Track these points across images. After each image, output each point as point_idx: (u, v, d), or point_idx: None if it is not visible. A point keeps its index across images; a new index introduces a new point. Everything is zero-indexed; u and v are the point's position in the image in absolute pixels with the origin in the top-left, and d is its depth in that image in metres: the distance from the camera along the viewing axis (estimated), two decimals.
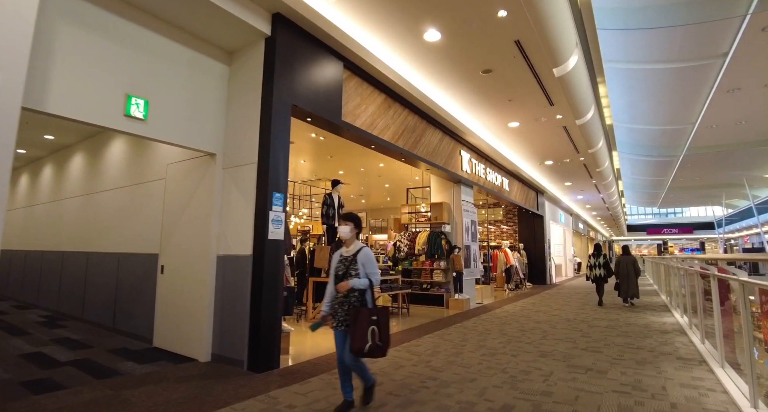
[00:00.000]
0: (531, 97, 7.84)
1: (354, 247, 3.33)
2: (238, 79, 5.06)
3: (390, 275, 7.95)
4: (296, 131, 8.63)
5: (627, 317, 7.87)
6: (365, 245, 3.36)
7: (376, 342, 3.03)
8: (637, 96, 13.22)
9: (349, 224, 3.37)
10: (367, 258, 3.24)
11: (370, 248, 3.29)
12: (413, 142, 7.40)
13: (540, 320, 7.55)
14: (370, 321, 3.05)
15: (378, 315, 3.10)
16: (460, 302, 8.87)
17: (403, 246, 9.81)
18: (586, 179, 16.05)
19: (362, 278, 3.19)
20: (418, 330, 6.43)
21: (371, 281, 3.21)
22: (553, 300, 10.84)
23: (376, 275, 3.25)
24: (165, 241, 5.52)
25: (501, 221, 18.68)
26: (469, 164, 9.78)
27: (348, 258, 3.29)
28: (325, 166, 12.18)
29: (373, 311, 3.10)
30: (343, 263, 3.29)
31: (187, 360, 4.73)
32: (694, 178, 22.05)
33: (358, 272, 3.20)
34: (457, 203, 9.65)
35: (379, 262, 14.18)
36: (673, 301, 9.37)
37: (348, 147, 9.69)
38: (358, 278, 3.18)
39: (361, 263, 3.22)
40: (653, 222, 50.00)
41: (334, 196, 7.64)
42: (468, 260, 9.66)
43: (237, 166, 4.83)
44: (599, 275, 10.12)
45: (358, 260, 3.23)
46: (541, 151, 11.61)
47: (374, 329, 3.04)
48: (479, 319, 7.63)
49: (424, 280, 9.55)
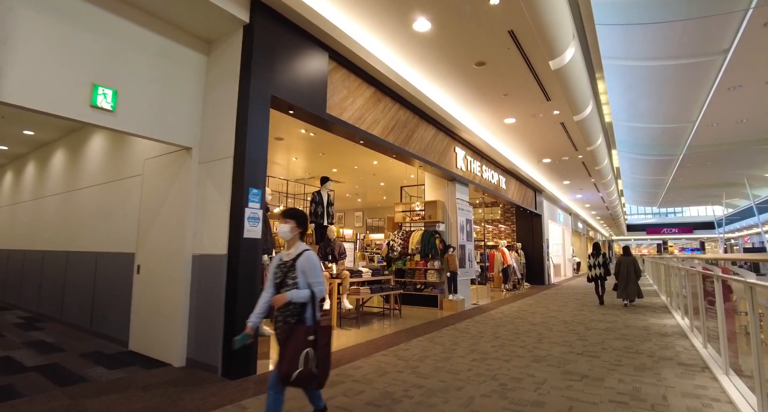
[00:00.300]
0: (527, 92, 7.59)
1: (295, 250, 2.73)
2: (216, 70, 4.81)
3: (381, 276, 7.69)
4: (285, 127, 8.41)
5: (626, 319, 7.62)
6: (309, 249, 2.76)
7: (309, 368, 2.44)
8: (636, 94, 13.06)
9: (288, 222, 2.76)
10: (308, 264, 2.66)
11: (313, 253, 2.74)
12: (405, 138, 7.14)
13: (536, 321, 7.29)
14: (306, 342, 2.47)
15: (317, 335, 2.53)
16: (455, 303, 8.61)
17: (397, 246, 9.55)
18: (585, 178, 15.80)
19: (303, 288, 2.63)
20: (408, 333, 6.18)
21: (313, 293, 2.63)
22: (551, 301, 10.59)
23: (319, 285, 2.66)
24: (141, 240, 5.27)
25: (499, 220, 18.42)
26: (464, 162, 9.52)
27: (287, 264, 2.70)
28: (318, 164, 11.92)
29: (310, 330, 2.53)
30: (281, 270, 2.72)
31: (160, 365, 4.48)
32: (695, 178, 21.90)
33: (297, 281, 2.63)
34: (451, 202, 9.39)
35: (374, 262, 13.95)
36: (673, 302, 9.12)
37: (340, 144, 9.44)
38: (297, 289, 2.62)
39: (301, 271, 2.64)
40: (653, 222, 49.88)
41: (323, 194, 7.39)
42: (463, 260, 9.40)
43: (213, 160, 4.57)
44: (598, 274, 10.13)
45: (297, 267, 2.65)
46: (539, 148, 11.36)
47: (309, 353, 2.45)
48: (473, 321, 7.38)
49: (418, 280, 9.30)
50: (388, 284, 7.73)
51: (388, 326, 6.78)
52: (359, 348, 5.19)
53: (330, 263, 6.84)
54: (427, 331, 6.34)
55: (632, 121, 14.96)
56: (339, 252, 7.01)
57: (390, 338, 5.78)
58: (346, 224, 22.84)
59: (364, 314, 8.08)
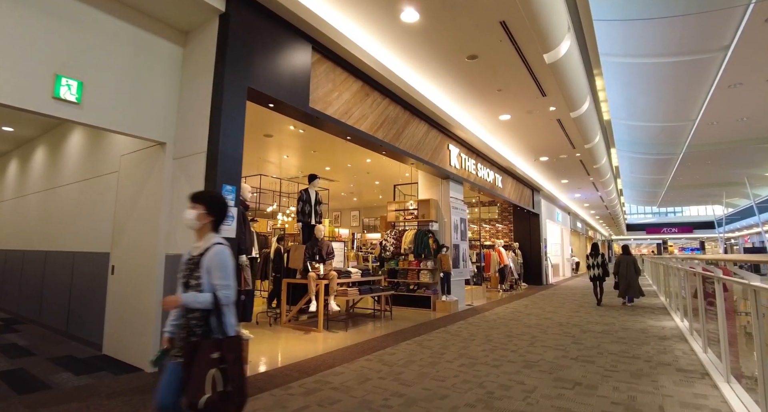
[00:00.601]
0: (522, 87, 7.36)
1: (205, 243, 2.20)
2: (192, 62, 4.58)
3: (371, 276, 7.47)
4: (274, 124, 8.17)
5: (624, 321, 7.40)
6: (221, 242, 2.20)
7: (220, 392, 1.96)
8: (635, 92, 12.88)
9: (196, 207, 2.21)
10: (215, 261, 2.11)
11: (226, 248, 2.19)
12: (395, 134, 6.92)
13: (530, 323, 7.07)
14: (211, 361, 1.98)
15: (224, 351, 2.02)
16: (448, 305, 8.39)
17: (389, 245, 9.33)
18: (583, 177, 15.58)
19: (207, 291, 2.09)
20: (397, 336, 5.96)
21: (218, 298, 2.07)
22: (548, 302, 10.37)
23: (226, 289, 2.10)
24: (116, 239, 5.05)
25: (496, 220, 18.20)
26: (458, 159, 9.30)
27: (194, 260, 2.18)
28: (310, 162, 11.70)
29: (216, 345, 2.02)
30: (188, 266, 2.21)
31: (132, 371, 4.26)
32: (695, 177, 21.73)
33: (201, 282, 2.11)
34: (445, 200, 9.17)
35: (369, 262, 13.73)
36: (672, 303, 8.90)
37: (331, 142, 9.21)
38: (199, 292, 2.09)
39: (206, 269, 2.11)
40: (653, 221, 49.72)
41: (311, 192, 7.17)
42: (457, 260, 9.18)
43: (187, 156, 4.35)
44: (597, 275, 10.10)
45: (202, 264, 2.12)
46: (535, 146, 11.14)
47: (216, 374, 1.97)
48: (466, 322, 7.16)
49: (410, 281, 9.08)
50: (379, 285, 7.51)
51: (377, 329, 6.56)
52: (343, 352, 4.97)
53: (317, 264, 6.62)
54: (416, 333, 6.12)
55: (631, 119, 14.79)
56: (327, 252, 6.79)
57: (377, 342, 5.56)
58: (342, 224, 22.62)
59: (354, 315, 7.86)
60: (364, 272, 7.26)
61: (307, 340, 5.74)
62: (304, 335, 6.07)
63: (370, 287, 7.10)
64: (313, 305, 6.32)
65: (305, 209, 7.02)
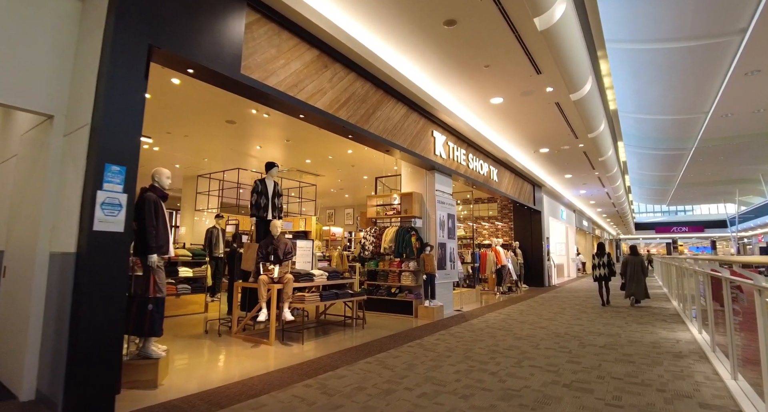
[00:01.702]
0: (512, 63, 6.40)
1: None
2: (88, 16, 3.68)
3: (341, 279, 6.54)
4: (233, 107, 7.26)
5: (631, 332, 6.40)
6: None
7: None
8: (643, 82, 11.99)
9: None
10: None
11: None
12: (364, 116, 5.99)
13: (522, 334, 6.11)
14: None
15: None
16: (431, 311, 7.44)
17: (369, 244, 8.40)
18: (588, 171, 14.54)
19: None
20: (359, 351, 5.03)
21: None
22: (547, 306, 9.39)
23: None
24: (9, 234, 4.17)
25: (495, 217, 17.20)
26: (445, 148, 8.34)
27: None
28: (288, 154, 10.81)
29: None
30: None
31: (5, 398, 3.38)
32: (706, 174, 20.74)
33: None
34: (430, 194, 8.22)
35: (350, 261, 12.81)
36: (687, 309, 7.88)
37: (304, 130, 8.31)
38: None
39: None
40: (662, 220, 48.55)
41: (268, 183, 6.27)
42: (443, 260, 8.23)
43: (74, 130, 3.45)
44: (602, 274, 9.84)
45: None
46: (534, 135, 10.14)
47: None
48: (448, 333, 6.21)
49: (391, 283, 8.15)
50: (350, 289, 6.58)
51: (340, 341, 5.64)
52: (280, 375, 4.04)
53: (272, 265, 5.71)
54: (384, 348, 5.19)
55: (639, 112, 13.95)
56: (284, 251, 5.88)
57: (331, 359, 4.64)
58: (336, 222, 21.75)
59: (325, 323, 6.95)
60: (331, 274, 6.33)
61: (248, 356, 4.83)
62: (250, 348, 5.17)
63: (336, 292, 6.17)
64: (263, 314, 5.41)
65: (260, 201, 6.11)
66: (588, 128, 9.71)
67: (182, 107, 7.48)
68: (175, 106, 7.41)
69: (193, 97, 6.97)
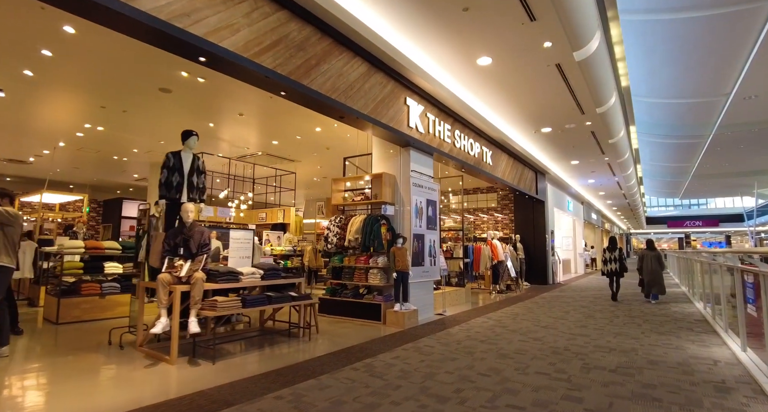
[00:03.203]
0: (497, 3, 4.99)
1: None
2: None
3: (282, 279, 5.20)
4: (159, 70, 5.91)
5: (650, 347, 4.99)
6: None
7: None
8: (658, 60, 10.77)
9: None
10: None
11: None
12: (301, 68, 4.62)
13: (509, 350, 4.74)
14: None
15: None
16: (401, 317, 6.09)
17: (332, 236, 7.06)
18: (597, 156, 13.03)
19: None
20: (279, 377, 3.69)
21: None
22: (548, 308, 7.99)
23: None
24: None
25: (495, 209, 15.78)
26: (423, 120, 6.94)
27: None
28: (249, 134, 9.48)
29: None
30: None
31: None
32: (723, 165, 19.47)
33: None
34: (405, 175, 6.84)
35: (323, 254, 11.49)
36: (718, 316, 6.45)
37: (253, 99, 6.98)
38: None
39: None
40: (675, 214, 46.90)
41: (184, 157, 4.95)
42: (420, 255, 6.87)
43: None
44: (613, 269, 9.46)
45: None
46: (533, 109, 8.67)
47: None
48: (414, 347, 4.86)
49: (358, 282, 6.80)
50: (293, 292, 5.23)
51: (265, 360, 4.31)
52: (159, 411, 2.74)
53: (179, 261, 4.39)
54: (317, 371, 3.85)
55: (653, 96, 12.76)
56: (200, 244, 4.56)
57: (232, 390, 3.31)
58: (327, 214, 20.41)
59: (269, 332, 5.64)
60: (268, 272, 4.99)
61: (131, 380, 3.55)
62: (142, 369, 3.88)
63: (269, 295, 4.83)
64: (159, 325, 4.10)
65: (171, 179, 4.79)
66: (596, 100, 8.26)
67: (101, 71, 6.18)
68: (91, 68, 6.11)
69: (102, 53, 5.65)
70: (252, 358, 4.37)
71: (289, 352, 4.63)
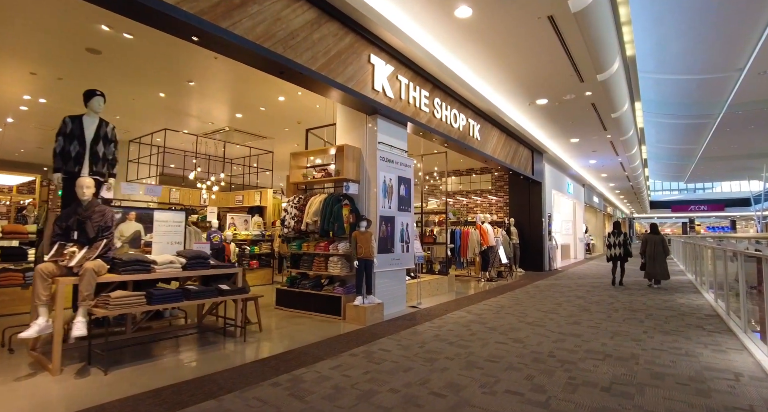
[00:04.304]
0: None
1: None
2: None
3: (209, 269, 4.33)
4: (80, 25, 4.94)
5: (655, 352, 4.12)
6: None
7: None
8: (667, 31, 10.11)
9: None
10: None
11: None
12: (219, 6, 3.64)
13: (480, 357, 3.88)
14: None
15: None
16: (361, 312, 5.23)
17: (290, 218, 6.17)
18: (599, 133, 12.00)
19: None
20: (179, 392, 2.84)
21: None
22: (539, 299, 7.14)
23: None
24: None
25: (489, 191, 14.84)
26: (393, 84, 5.96)
27: None
28: (211, 106, 8.51)
29: None
30: None
31: None
32: (732, 146, 18.84)
33: None
34: (371, 148, 5.91)
35: None
36: (731, 310, 5.57)
37: (199, 61, 6.04)
38: None
39: None
40: (679, 198, 46.03)
41: (86, 123, 4.04)
42: (389, 240, 5.98)
43: None
44: (617, 254, 9.42)
45: None
46: (525, 74, 7.64)
47: None
48: (366, 352, 4.01)
49: (317, 271, 5.94)
50: (225, 285, 4.36)
51: (172, 369, 3.47)
52: None
53: (71, 248, 3.53)
54: (228, 386, 3.00)
55: (660, 71, 11.83)
56: (101, 226, 3.68)
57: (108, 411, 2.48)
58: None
59: (206, 329, 4.82)
60: (191, 262, 4.13)
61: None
62: (11, 382, 3.05)
63: (187, 290, 3.96)
64: (35, 327, 3.26)
65: (68, 148, 3.88)
66: (596, 65, 7.24)
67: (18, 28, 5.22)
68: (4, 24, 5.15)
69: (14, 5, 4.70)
70: (157, 367, 3.53)
71: (208, 358, 3.78)
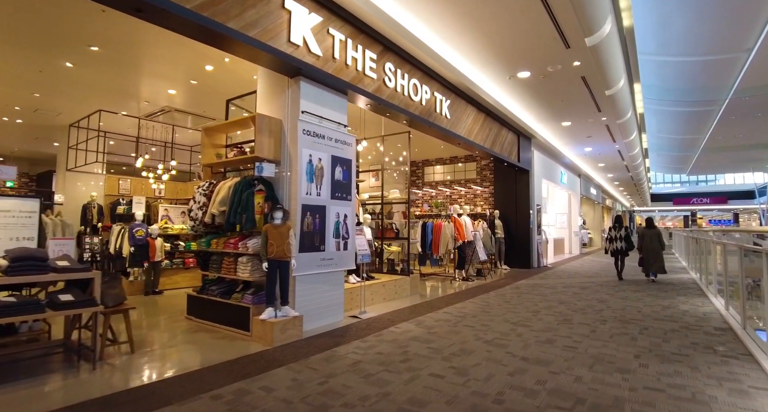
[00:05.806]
0: None
1: None
2: None
3: (41, 274, 3.14)
4: None
5: (650, 395, 2.92)
6: None
7: None
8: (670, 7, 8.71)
9: None
10: None
11: None
12: None
13: (395, 402, 2.68)
14: None
15: None
16: (268, 328, 4.02)
17: (197, 209, 4.94)
18: (593, 115, 10.71)
19: None
20: None
21: None
22: (514, 305, 5.95)
23: None
24: None
25: (474, 180, 13.59)
26: (322, 39, 4.68)
27: None
28: (136, 80, 7.25)
29: None
30: None
31: None
32: (737, 136, 17.69)
33: None
34: (292, 119, 4.67)
35: None
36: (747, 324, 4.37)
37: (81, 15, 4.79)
38: None
39: None
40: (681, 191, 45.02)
41: None
42: (316, 236, 4.75)
43: None
44: (619, 248, 9.27)
45: None
46: (501, 39, 6.35)
47: None
48: (237, 390, 2.82)
49: (226, 275, 4.72)
50: (70, 295, 3.15)
51: None
52: None
53: None
54: None
55: (662, 53, 10.62)
56: None
57: None
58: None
59: (68, 348, 3.63)
60: (17, 263, 2.95)
61: None
62: None
63: None
64: None
65: None
66: (584, 25, 5.98)
67: None
68: None
69: None
70: None
71: (18, 398, 2.59)
